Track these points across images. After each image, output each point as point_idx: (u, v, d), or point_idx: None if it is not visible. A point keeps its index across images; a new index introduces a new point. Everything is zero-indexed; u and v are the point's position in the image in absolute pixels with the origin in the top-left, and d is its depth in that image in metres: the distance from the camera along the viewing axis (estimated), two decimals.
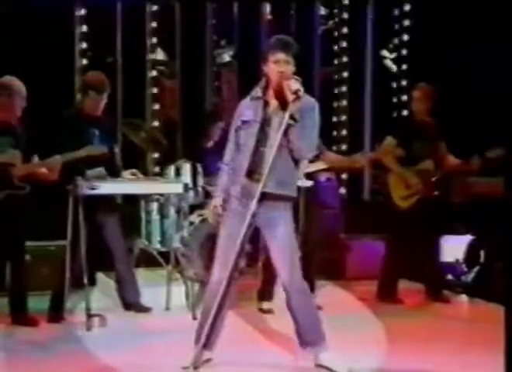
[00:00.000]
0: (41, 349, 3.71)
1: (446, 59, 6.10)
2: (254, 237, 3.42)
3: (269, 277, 4.49)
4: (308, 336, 3.28)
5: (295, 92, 3.07)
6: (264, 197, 3.14)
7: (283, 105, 3.15)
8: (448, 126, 4.94)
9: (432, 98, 4.84)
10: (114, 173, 4.30)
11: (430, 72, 5.87)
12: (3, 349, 3.69)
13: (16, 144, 4.09)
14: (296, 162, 3.25)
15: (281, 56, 3.15)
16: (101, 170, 4.14)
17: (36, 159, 4.15)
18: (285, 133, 3.11)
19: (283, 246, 3.24)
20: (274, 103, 3.22)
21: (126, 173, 4.42)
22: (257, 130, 3.20)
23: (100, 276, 5.00)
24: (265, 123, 3.21)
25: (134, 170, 4.49)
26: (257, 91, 3.27)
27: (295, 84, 3.10)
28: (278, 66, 3.15)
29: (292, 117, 3.10)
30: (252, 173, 3.20)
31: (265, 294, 4.56)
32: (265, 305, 4.53)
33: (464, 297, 5.16)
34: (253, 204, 3.08)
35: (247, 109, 3.26)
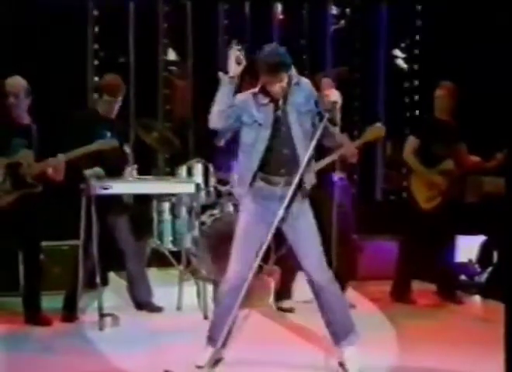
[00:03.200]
0: (54, 348, 3.73)
1: (458, 58, 6.07)
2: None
3: (287, 275, 4.47)
4: (342, 331, 3.24)
5: (333, 103, 3.08)
6: (281, 197, 3.14)
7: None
8: (464, 125, 4.92)
9: (455, 97, 4.80)
10: (121, 171, 4.29)
11: (442, 72, 5.84)
12: (16, 349, 3.72)
13: (30, 145, 4.11)
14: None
15: (269, 79, 3.14)
16: (99, 169, 4.14)
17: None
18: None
19: (306, 239, 3.22)
20: (281, 103, 3.20)
21: (128, 172, 4.38)
22: (268, 135, 3.17)
23: (112, 275, 5.02)
24: (279, 125, 3.19)
25: (134, 166, 4.44)
26: (261, 98, 3.21)
27: (334, 96, 3.11)
28: (271, 86, 3.14)
29: (332, 122, 3.13)
30: (269, 174, 3.18)
31: (284, 292, 4.55)
32: (285, 304, 4.52)
33: (477, 298, 5.13)
34: (281, 210, 3.05)
35: (258, 110, 3.21)
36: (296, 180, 3.07)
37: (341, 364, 3.25)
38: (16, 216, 4.02)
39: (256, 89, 3.25)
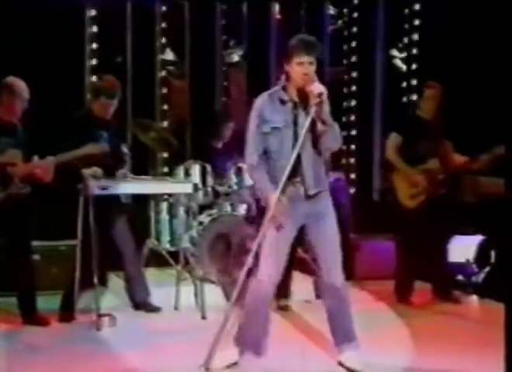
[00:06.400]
0: (51, 348, 3.73)
1: (456, 58, 6.07)
2: None
3: (286, 273, 4.46)
4: (346, 334, 3.28)
5: (319, 95, 3.05)
6: (307, 197, 3.18)
7: (305, 106, 3.15)
8: (458, 125, 4.91)
9: (440, 97, 4.82)
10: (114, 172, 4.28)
11: (440, 71, 5.84)
12: (14, 349, 3.71)
13: (17, 144, 4.07)
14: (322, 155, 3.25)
15: (305, 58, 3.12)
16: (96, 169, 4.13)
17: (36, 159, 4.11)
18: (313, 134, 3.12)
19: (327, 239, 3.24)
20: (300, 103, 3.20)
21: (120, 174, 4.37)
22: (291, 135, 3.17)
23: (110, 275, 5.02)
24: (297, 125, 3.18)
25: (125, 171, 4.44)
26: (282, 94, 3.21)
27: (318, 87, 3.08)
28: (302, 68, 3.12)
29: (322, 121, 3.11)
30: (291, 177, 3.16)
31: (282, 291, 4.55)
32: (282, 302, 4.54)
33: (474, 298, 5.14)
34: (277, 194, 3.07)
35: (274, 113, 3.20)
36: (284, 178, 3.06)
37: (341, 364, 3.26)
38: (4, 216, 3.99)
39: (273, 89, 3.25)
